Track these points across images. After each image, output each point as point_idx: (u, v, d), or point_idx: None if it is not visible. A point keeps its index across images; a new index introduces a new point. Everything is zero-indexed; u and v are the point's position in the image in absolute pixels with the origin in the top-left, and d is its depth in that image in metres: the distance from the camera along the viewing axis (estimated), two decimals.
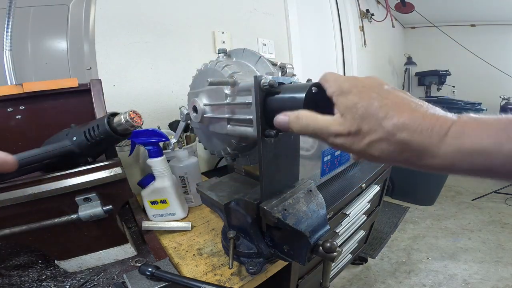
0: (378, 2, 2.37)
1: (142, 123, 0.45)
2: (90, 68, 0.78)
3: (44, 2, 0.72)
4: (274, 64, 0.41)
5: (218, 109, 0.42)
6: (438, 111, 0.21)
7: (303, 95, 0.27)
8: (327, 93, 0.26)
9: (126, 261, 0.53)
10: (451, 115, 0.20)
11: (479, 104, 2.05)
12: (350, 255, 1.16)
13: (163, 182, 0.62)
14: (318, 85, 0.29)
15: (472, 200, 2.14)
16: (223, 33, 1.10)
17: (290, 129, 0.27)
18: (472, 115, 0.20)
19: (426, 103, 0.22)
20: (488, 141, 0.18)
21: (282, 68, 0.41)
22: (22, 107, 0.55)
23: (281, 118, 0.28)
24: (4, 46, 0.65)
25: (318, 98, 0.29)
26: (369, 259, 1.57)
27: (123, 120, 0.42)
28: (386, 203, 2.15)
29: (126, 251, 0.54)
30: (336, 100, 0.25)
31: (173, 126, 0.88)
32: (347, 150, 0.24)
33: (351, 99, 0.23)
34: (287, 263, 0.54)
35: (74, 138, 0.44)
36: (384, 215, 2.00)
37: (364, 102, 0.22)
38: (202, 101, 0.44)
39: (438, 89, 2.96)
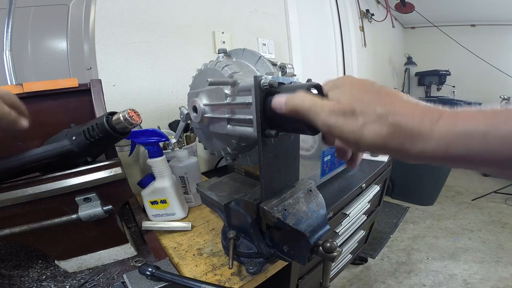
0: (378, 2, 2.37)
1: (141, 121, 0.44)
2: (90, 68, 0.78)
3: (44, 2, 0.72)
4: (274, 64, 0.41)
5: (218, 109, 0.42)
6: (429, 104, 0.21)
7: None
8: (323, 90, 0.27)
9: (126, 261, 0.53)
10: (444, 108, 0.20)
11: (479, 104, 2.07)
12: (350, 255, 1.16)
13: (163, 182, 0.62)
14: (318, 86, 0.29)
15: (472, 200, 2.14)
16: (223, 33, 1.10)
17: (286, 106, 0.27)
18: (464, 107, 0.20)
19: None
20: (484, 122, 0.17)
21: (282, 68, 0.41)
22: None
23: (278, 98, 0.28)
24: (4, 46, 0.65)
25: None
26: (369, 259, 1.57)
27: (121, 118, 0.42)
28: (386, 203, 2.15)
29: (126, 251, 0.54)
30: (329, 92, 0.25)
31: (173, 126, 0.88)
32: (338, 131, 0.23)
33: (344, 90, 0.24)
34: (287, 263, 0.54)
35: (74, 138, 0.44)
36: (384, 215, 2.00)
37: (357, 91, 0.23)
38: (202, 101, 0.44)
39: (438, 89, 2.96)
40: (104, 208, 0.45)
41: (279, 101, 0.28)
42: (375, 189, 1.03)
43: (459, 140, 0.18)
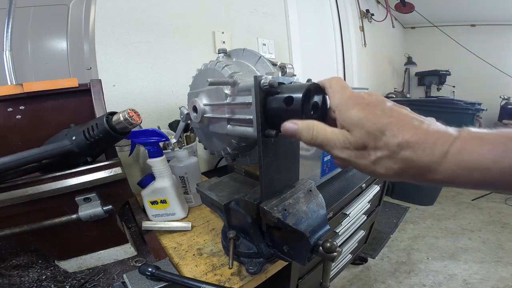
0: (378, 2, 2.37)
1: (141, 122, 0.45)
2: (90, 68, 0.78)
3: (44, 2, 0.72)
4: (274, 64, 0.41)
5: (218, 109, 0.42)
6: (439, 126, 0.22)
7: (300, 94, 0.27)
8: (330, 104, 0.27)
9: (126, 261, 0.53)
10: (452, 130, 0.21)
11: (479, 104, 2.07)
12: (350, 255, 1.16)
13: (163, 182, 0.62)
14: (317, 86, 0.29)
15: (472, 200, 2.14)
16: (223, 33, 1.10)
17: (298, 137, 0.27)
18: (472, 129, 0.20)
19: (427, 119, 0.23)
20: (486, 157, 0.19)
21: (282, 68, 0.41)
22: (22, 107, 0.55)
23: (290, 126, 0.28)
24: (4, 46, 0.65)
25: (316, 98, 0.29)
26: (369, 259, 1.57)
27: (121, 118, 0.42)
28: (386, 203, 2.15)
29: (126, 251, 0.54)
30: (339, 115, 0.25)
31: (173, 126, 0.88)
32: (351, 164, 0.25)
33: (355, 115, 0.24)
34: (287, 263, 0.54)
35: (74, 138, 0.44)
36: (384, 215, 2.00)
37: (369, 118, 0.23)
38: (202, 101, 0.44)
39: (438, 89, 2.97)
40: (104, 208, 0.45)
41: (292, 128, 0.27)
42: (375, 189, 1.03)
43: (464, 173, 0.20)
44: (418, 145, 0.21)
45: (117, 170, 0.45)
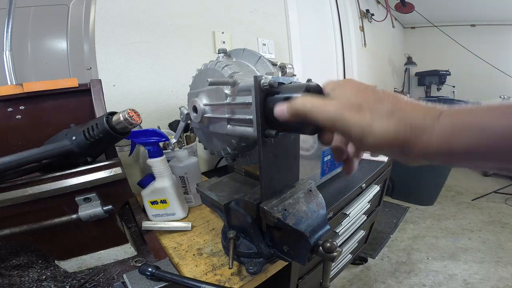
0: (378, 2, 2.37)
1: (141, 122, 0.45)
2: (90, 68, 0.78)
3: (44, 2, 0.72)
4: (274, 64, 0.41)
5: (218, 109, 0.42)
6: (430, 103, 0.22)
7: (299, 94, 0.27)
8: (324, 90, 0.27)
9: (126, 261, 0.53)
10: (442, 106, 0.21)
11: (479, 104, 2.06)
12: (350, 255, 1.16)
13: (163, 182, 0.62)
14: (317, 86, 0.29)
15: (472, 200, 2.14)
16: (223, 33, 1.10)
17: (288, 113, 0.27)
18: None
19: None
20: (482, 117, 0.18)
21: (282, 68, 0.41)
22: (22, 107, 0.55)
23: (279, 107, 0.28)
24: (4, 46, 0.65)
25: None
26: (369, 259, 1.57)
27: (121, 118, 0.42)
28: (386, 203, 2.15)
29: (126, 251, 0.54)
30: (332, 92, 0.25)
31: (173, 126, 0.88)
32: (345, 125, 0.23)
33: (347, 89, 0.24)
34: (287, 263, 0.54)
35: (74, 138, 0.44)
36: (384, 215, 2.00)
37: (361, 91, 0.23)
38: (202, 101, 0.44)
39: (438, 89, 2.96)
40: (104, 208, 0.45)
41: (281, 109, 0.27)
42: (375, 189, 1.03)
43: (459, 134, 0.19)
44: (410, 110, 0.21)
45: (117, 170, 0.45)
